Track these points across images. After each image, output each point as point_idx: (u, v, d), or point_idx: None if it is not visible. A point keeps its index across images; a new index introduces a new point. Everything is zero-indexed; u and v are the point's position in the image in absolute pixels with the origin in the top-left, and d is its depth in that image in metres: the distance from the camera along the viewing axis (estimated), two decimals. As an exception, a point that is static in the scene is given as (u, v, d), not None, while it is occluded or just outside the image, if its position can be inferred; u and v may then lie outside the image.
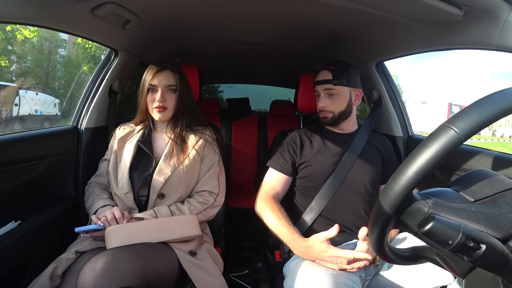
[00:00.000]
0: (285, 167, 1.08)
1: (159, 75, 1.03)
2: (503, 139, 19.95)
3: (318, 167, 1.05)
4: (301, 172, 1.08)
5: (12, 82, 9.46)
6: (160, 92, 1.03)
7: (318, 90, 1.11)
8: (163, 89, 1.04)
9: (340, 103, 1.08)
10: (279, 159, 1.10)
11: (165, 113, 1.05)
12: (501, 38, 0.76)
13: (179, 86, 1.05)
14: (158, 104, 1.02)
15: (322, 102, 1.09)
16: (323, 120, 1.11)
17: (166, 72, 1.04)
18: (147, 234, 0.86)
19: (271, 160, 1.11)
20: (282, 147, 1.12)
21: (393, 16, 0.96)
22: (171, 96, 1.05)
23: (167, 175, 1.00)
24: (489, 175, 0.48)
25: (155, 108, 1.03)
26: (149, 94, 1.04)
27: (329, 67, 1.09)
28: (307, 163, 1.07)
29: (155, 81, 1.02)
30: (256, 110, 2.86)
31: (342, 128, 1.13)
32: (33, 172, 1.07)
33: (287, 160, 1.08)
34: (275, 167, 1.09)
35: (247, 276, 1.44)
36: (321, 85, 1.09)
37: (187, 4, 1.05)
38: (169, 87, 1.05)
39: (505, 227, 0.41)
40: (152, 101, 1.04)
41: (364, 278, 0.91)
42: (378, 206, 0.45)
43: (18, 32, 6.34)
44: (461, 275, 0.46)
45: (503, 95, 0.41)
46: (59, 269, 0.78)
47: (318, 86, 1.10)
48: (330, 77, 1.07)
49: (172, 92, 1.05)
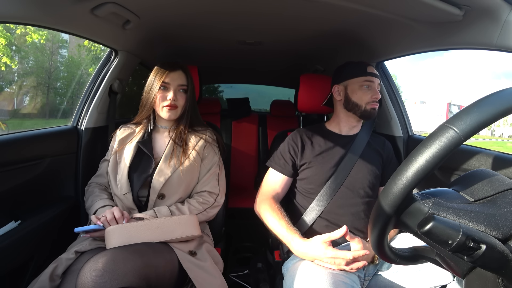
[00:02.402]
0: (286, 168, 1.08)
1: (172, 74, 1.04)
2: (502, 139, 19.96)
3: (319, 169, 1.05)
4: (302, 173, 1.08)
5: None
6: (173, 91, 1.03)
7: (373, 81, 1.09)
8: (176, 88, 1.04)
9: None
10: (279, 159, 1.09)
11: (175, 112, 1.06)
12: (501, 38, 0.76)
13: (189, 87, 1.07)
14: (170, 102, 1.03)
15: (378, 93, 1.09)
16: (373, 112, 1.08)
17: (179, 72, 1.06)
18: (147, 234, 0.86)
19: (272, 160, 1.11)
20: (283, 147, 1.11)
21: (393, 16, 0.96)
22: (181, 96, 1.06)
23: (168, 176, 1.00)
24: (489, 175, 0.48)
25: (166, 106, 1.03)
26: (160, 92, 1.04)
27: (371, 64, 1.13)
28: (307, 164, 1.07)
29: (168, 79, 1.03)
30: (256, 110, 2.86)
31: (354, 127, 1.14)
32: (33, 172, 1.06)
33: (287, 161, 1.08)
34: (275, 168, 1.09)
35: (247, 276, 1.45)
36: (377, 79, 1.10)
37: (187, 4, 1.05)
38: (181, 87, 1.06)
39: (505, 227, 0.41)
40: (163, 99, 1.04)
41: (363, 278, 0.91)
42: (378, 206, 0.45)
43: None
44: (461, 275, 0.46)
45: (503, 95, 0.41)
46: (59, 269, 0.78)
47: (374, 78, 1.09)
48: (378, 75, 1.11)
49: (183, 92, 1.07)
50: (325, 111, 1.36)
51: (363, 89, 1.08)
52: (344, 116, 1.13)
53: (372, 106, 1.07)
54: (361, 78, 1.09)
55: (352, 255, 0.80)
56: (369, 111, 1.08)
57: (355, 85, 1.09)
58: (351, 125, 1.13)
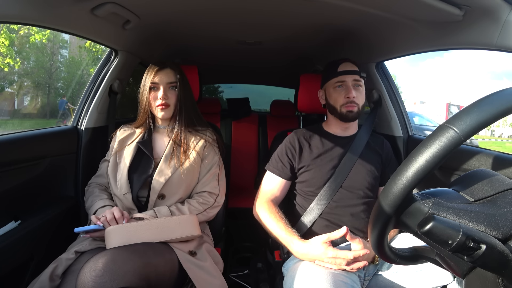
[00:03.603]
0: (284, 171, 1.06)
1: (160, 73, 1.05)
2: (501, 139, 19.94)
3: (317, 172, 1.04)
4: (300, 176, 1.07)
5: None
6: (162, 89, 1.04)
7: (346, 80, 1.03)
8: (165, 86, 1.05)
9: (363, 97, 1.06)
10: (277, 162, 1.08)
11: (168, 111, 1.06)
12: (501, 38, 0.76)
13: (179, 83, 1.07)
14: (161, 101, 1.03)
15: (352, 92, 1.01)
16: (349, 115, 1.03)
17: (166, 70, 1.06)
18: (147, 234, 0.86)
19: (270, 164, 1.10)
20: (280, 150, 1.09)
21: (393, 16, 0.96)
22: (172, 93, 1.06)
23: (168, 176, 1.00)
24: (489, 175, 0.48)
25: (158, 106, 1.04)
26: (151, 93, 1.05)
27: (351, 60, 1.07)
28: (306, 167, 1.05)
29: (156, 78, 1.04)
30: (256, 110, 2.86)
31: (347, 128, 1.11)
32: (33, 172, 1.06)
33: (285, 165, 1.06)
34: (273, 171, 1.08)
35: (247, 276, 1.44)
36: (351, 75, 1.03)
37: (187, 4, 1.05)
38: (170, 84, 1.06)
39: (505, 227, 0.41)
40: (155, 99, 1.04)
41: (363, 278, 0.91)
42: (378, 206, 0.45)
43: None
44: (461, 275, 0.46)
45: (503, 95, 0.41)
46: (59, 269, 0.78)
47: (347, 76, 1.03)
48: (356, 69, 1.05)
49: (173, 89, 1.07)
50: (325, 111, 1.36)
51: (336, 91, 1.05)
52: (332, 119, 1.11)
53: (347, 108, 1.03)
54: (333, 80, 1.06)
55: (352, 255, 0.79)
56: (345, 114, 1.04)
57: (330, 87, 1.07)
58: (343, 126, 1.10)
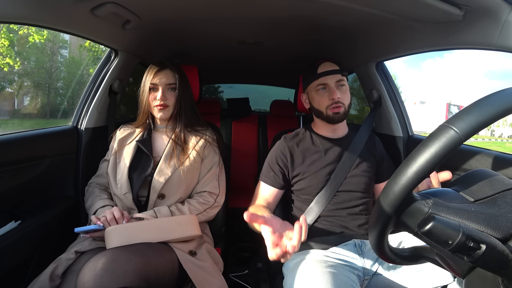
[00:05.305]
0: (276, 180, 1.02)
1: (159, 74, 1.04)
2: (501, 139, 19.97)
3: (313, 179, 1.01)
4: (296, 185, 1.04)
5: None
6: (161, 90, 1.04)
7: (328, 82, 0.99)
8: (164, 88, 1.05)
9: (349, 96, 1.02)
10: (268, 172, 1.04)
11: (166, 111, 1.06)
12: (501, 38, 0.76)
13: (178, 84, 1.06)
14: (160, 102, 1.03)
15: (336, 93, 0.98)
16: (335, 117, 1.00)
17: (166, 71, 1.05)
18: (147, 234, 0.86)
19: (262, 173, 1.06)
20: (271, 158, 1.06)
21: (393, 16, 0.96)
22: (171, 95, 1.06)
23: (168, 176, 1.00)
24: (489, 175, 0.48)
25: (156, 106, 1.04)
26: (151, 93, 1.05)
27: (331, 59, 1.04)
28: (301, 175, 1.02)
29: (156, 79, 1.04)
30: (256, 110, 2.86)
31: (336, 130, 1.07)
32: (33, 172, 1.06)
33: (277, 174, 1.03)
34: (265, 181, 1.04)
35: (247, 276, 1.44)
36: (332, 76, 0.99)
37: (187, 4, 1.05)
38: (169, 86, 1.06)
39: (505, 227, 0.41)
40: (154, 99, 1.05)
41: (362, 278, 0.91)
42: (378, 206, 0.45)
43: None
44: (461, 275, 0.46)
45: (503, 95, 0.41)
46: (59, 269, 0.78)
47: (328, 77, 0.99)
48: (337, 68, 1.01)
49: (172, 91, 1.07)
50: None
51: (319, 93, 1.01)
52: (320, 122, 1.08)
53: (333, 110, 0.99)
54: (314, 83, 1.02)
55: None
56: (331, 117, 1.00)
57: (312, 91, 1.04)
58: (332, 128, 1.06)
